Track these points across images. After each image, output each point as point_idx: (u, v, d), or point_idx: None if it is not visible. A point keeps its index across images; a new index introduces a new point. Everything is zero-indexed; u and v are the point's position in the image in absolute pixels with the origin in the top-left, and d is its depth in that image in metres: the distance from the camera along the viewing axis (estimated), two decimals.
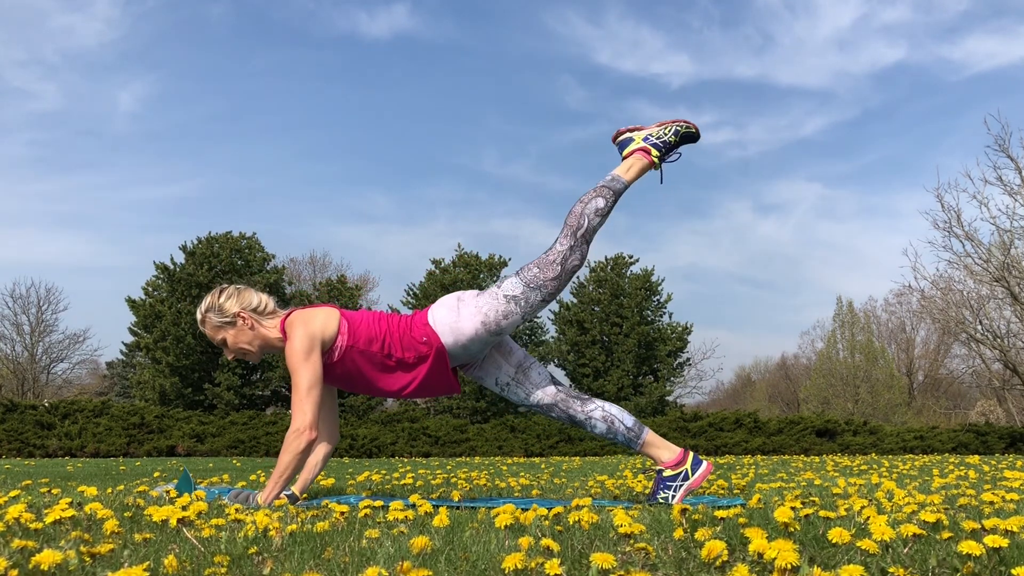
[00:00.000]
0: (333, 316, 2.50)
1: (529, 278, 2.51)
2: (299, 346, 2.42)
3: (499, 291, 2.51)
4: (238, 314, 2.55)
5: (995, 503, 2.07)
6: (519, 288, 2.51)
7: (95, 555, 1.29)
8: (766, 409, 31.86)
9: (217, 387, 18.58)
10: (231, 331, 2.56)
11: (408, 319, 2.55)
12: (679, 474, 2.52)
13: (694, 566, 1.26)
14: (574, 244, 2.53)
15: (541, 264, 2.52)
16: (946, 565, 1.25)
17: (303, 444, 2.36)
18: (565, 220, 2.56)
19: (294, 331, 2.45)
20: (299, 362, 2.41)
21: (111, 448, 13.50)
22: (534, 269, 2.52)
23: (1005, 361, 20.17)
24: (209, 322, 2.57)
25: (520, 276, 2.53)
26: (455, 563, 1.29)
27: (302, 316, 2.49)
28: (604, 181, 2.62)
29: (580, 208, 2.55)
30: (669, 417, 16.59)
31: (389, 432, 14.87)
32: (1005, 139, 17.13)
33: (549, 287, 2.52)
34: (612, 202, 2.59)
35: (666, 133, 2.68)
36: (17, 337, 26.39)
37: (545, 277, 2.51)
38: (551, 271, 2.51)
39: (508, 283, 2.52)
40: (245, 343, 2.57)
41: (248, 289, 2.61)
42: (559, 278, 2.52)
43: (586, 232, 2.54)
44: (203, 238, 19.89)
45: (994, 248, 17.47)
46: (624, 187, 2.62)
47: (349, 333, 2.48)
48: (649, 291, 22.04)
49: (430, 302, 22.63)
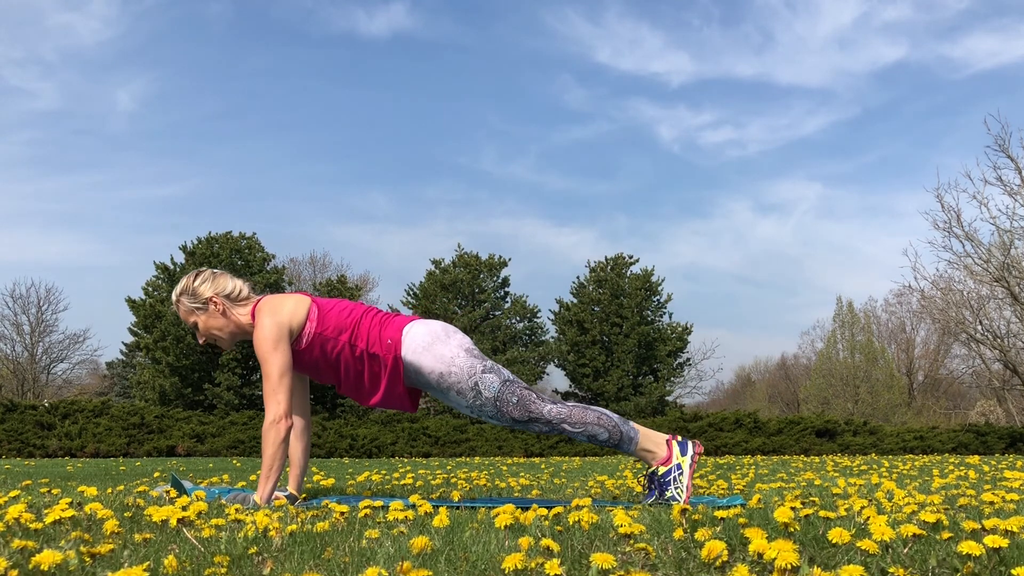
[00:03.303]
0: (303, 303, 2.48)
1: (505, 395, 2.46)
2: (267, 335, 2.40)
3: (479, 373, 2.46)
4: (211, 299, 2.54)
5: (995, 503, 2.07)
6: (492, 391, 2.46)
7: (95, 555, 1.29)
8: (766, 409, 31.85)
9: (217, 387, 18.58)
10: (203, 316, 2.55)
11: (387, 317, 2.54)
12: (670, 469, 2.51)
13: (694, 566, 1.26)
14: (552, 428, 2.48)
15: (523, 400, 2.47)
16: (946, 565, 1.25)
17: (282, 433, 2.35)
18: (573, 407, 2.49)
19: (262, 319, 2.44)
20: (267, 351, 2.39)
21: (111, 448, 13.49)
22: (514, 396, 2.46)
23: (1005, 361, 20.18)
24: (182, 305, 2.57)
25: (504, 386, 2.47)
26: (455, 563, 1.29)
27: (270, 304, 2.48)
28: (628, 428, 2.52)
29: (594, 418, 2.48)
30: (669, 417, 16.59)
31: (389, 432, 14.87)
32: (1005, 139, 17.15)
33: (504, 417, 2.48)
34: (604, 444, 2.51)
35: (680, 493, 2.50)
36: (17, 337, 26.41)
37: (511, 410, 2.46)
38: (519, 412, 2.47)
39: (490, 378, 2.46)
40: (216, 329, 2.56)
41: (224, 274, 2.59)
42: (517, 422, 2.48)
43: (569, 430, 2.48)
44: (203, 238, 19.91)
45: (994, 248, 17.48)
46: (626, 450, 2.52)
47: (318, 320, 2.47)
48: (649, 291, 22.04)
49: (430, 302, 22.69)
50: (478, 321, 21.91)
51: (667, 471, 2.51)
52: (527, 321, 22.66)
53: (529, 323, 22.69)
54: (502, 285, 22.49)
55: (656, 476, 2.53)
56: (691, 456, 2.53)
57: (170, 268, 19.73)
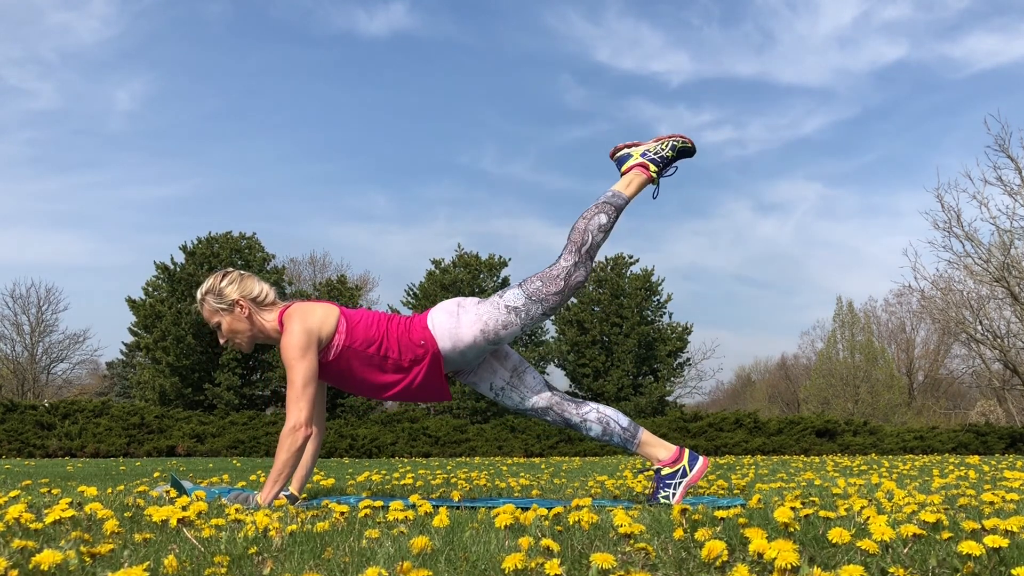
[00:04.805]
0: (332, 313, 2.47)
1: (532, 290, 2.49)
2: (296, 341, 2.39)
3: (500, 300, 2.49)
4: (236, 301, 2.51)
5: (995, 503, 2.07)
6: (521, 299, 2.49)
7: (95, 555, 1.29)
8: (766, 409, 31.86)
9: (217, 387, 18.58)
10: (227, 317, 2.52)
11: (407, 321, 2.53)
12: (677, 471, 2.52)
13: (694, 566, 1.26)
14: (578, 260, 2.51)
15: (544, 278, 2.51)
16: (946, 565, 1.25)
17: (299, 442, 2.34)
18: (568, 236, 2.55)
19: (291, 325, 2.41)
20: (295, 358, 2.38)
21: (111, 448, 13.50)
22: (537, 282, 2.50)
23: (1005, 361, 20.18)
24: (207, 305, 2.54)
25: (523, 287, 2.51)
26: (455, 563, 1.29)
27: (301, 310, 2.46)
28: (605, 197, 2.60)
29: (583, 224, 2.53)
30: (669, 417, 16.58)
31: (389, 432, 14.87)
32: (1005, 139, 17.15)
33: (551, 301, 2.50)
34: (614, 218, 2.57)
35: (663, 148, 2.66)
36: (17, 337, 26.41)
37: (548, 291, 2.49)
38: (554, 285, 2.50)
39: (510, 293, 2.50)
40: (239, 331, 2.53)
41: (251, 277, 2.57)
42: (561, 293, 2.50)
43: (590, 248, 2.52)
44: (203, 238, 19.92)
45: (994, 248, 17.48)
46: (625, 202, 2.61)
47: (347, 333, 2.45)
48: (649, 291, 22.05)
49: (430, 302, 22.67)
50: None
51: (672, 472, 2.52)
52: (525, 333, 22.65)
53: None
54: (502, 285, 22.49)
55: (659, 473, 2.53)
56: (698, 469, 2.54)
57: (170, 268, 19.73)
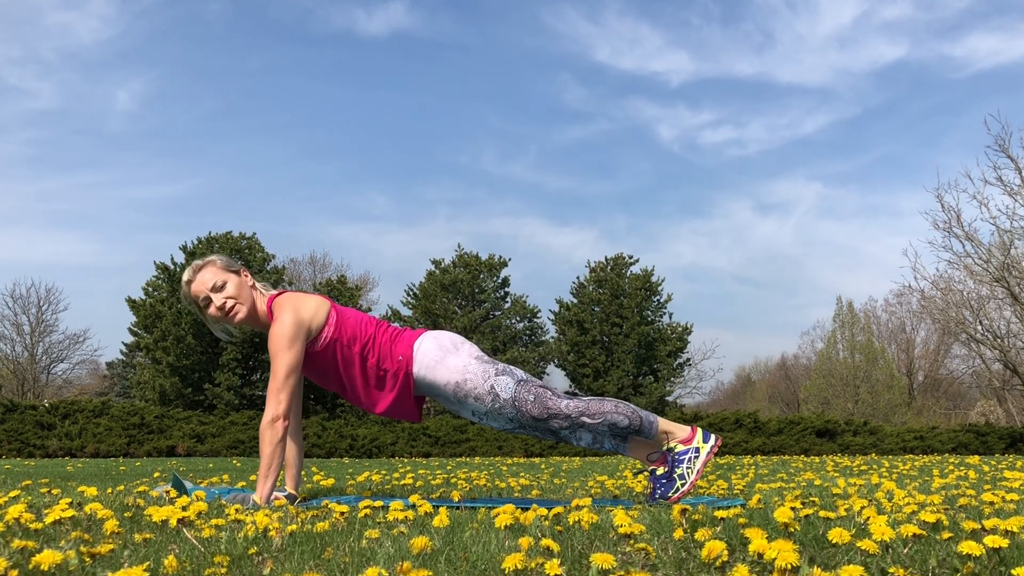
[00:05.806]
0: (324, 305, 2.47)
1: (521, 396, 2.44)
2: (286, 331, 2.37)
3: (492, 376, 2.45)
4: (241, 270, 2.55)
5: (995, 503, 2.07)
6: (508, 392, 2.44)
7: (95, 555, 1.29)
8: (766, 409, 31.85)
9: (217, 387, 18.58)
10: (235, 279, 2.52)
11: (397, 332, 2.54)
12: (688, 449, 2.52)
13: (694, 566, 1.26)
14: (573, 422, 2.46)
15: (540, 397, 2.45)
16: (946, 565, 1.25)
17: (280, 433, 2.34)
18: (591, 398, 2.49)
19: (283, 315, 2.39)
20: (281, 348, 2.36)
21: (111, 448, 13.50)
22: (531, 394, 2.44)
23: (1005, 361, 20.19)
24: (215, 265, 2.52)
25: (519, 386, 2.45)
26: (455, 563, 1.29)
27: (293, 300, 2.45)
28: (645, 414, 2.52)
29: (611, 408, 2.47)
30: (669, 417, 16.59)
31: (389, 432, 14.87)
32: (1005, 139, 17.16)
33: (524, 416, 2.45)
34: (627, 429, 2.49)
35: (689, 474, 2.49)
36: (17, 337, 26.41)
37: (530, 409, 2.44)
38: (538, 411, 2.44)
39: (505, 380, 2.45)
40: (243, 298, 2.51)
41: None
42: (537, 419, 2.45)
43: (588, 424, 2.47)
44: (203, 238, 19.92)
45: (994, 248, 17.49)
46: (649, 429, 2.52)
47: (336, 326, 2.46)
48: (649, 291, 22.06)
49: (430, 302, 22.67)
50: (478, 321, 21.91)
51: (685, 450, 2.51)
52: (527, 321, 22.68)
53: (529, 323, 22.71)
54: (502, 285, 22.50)
55: (672, 452, 2.53)
56: (711, 446, 2.53)
57: (170, 268, 19.73)
